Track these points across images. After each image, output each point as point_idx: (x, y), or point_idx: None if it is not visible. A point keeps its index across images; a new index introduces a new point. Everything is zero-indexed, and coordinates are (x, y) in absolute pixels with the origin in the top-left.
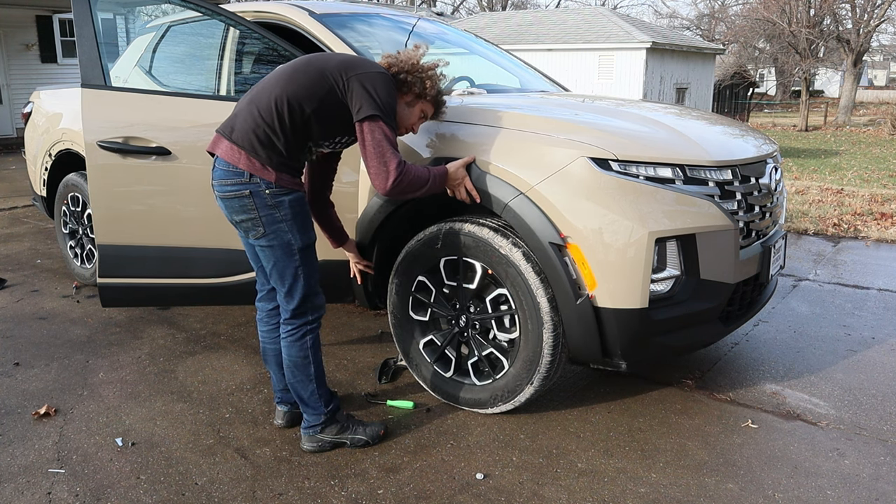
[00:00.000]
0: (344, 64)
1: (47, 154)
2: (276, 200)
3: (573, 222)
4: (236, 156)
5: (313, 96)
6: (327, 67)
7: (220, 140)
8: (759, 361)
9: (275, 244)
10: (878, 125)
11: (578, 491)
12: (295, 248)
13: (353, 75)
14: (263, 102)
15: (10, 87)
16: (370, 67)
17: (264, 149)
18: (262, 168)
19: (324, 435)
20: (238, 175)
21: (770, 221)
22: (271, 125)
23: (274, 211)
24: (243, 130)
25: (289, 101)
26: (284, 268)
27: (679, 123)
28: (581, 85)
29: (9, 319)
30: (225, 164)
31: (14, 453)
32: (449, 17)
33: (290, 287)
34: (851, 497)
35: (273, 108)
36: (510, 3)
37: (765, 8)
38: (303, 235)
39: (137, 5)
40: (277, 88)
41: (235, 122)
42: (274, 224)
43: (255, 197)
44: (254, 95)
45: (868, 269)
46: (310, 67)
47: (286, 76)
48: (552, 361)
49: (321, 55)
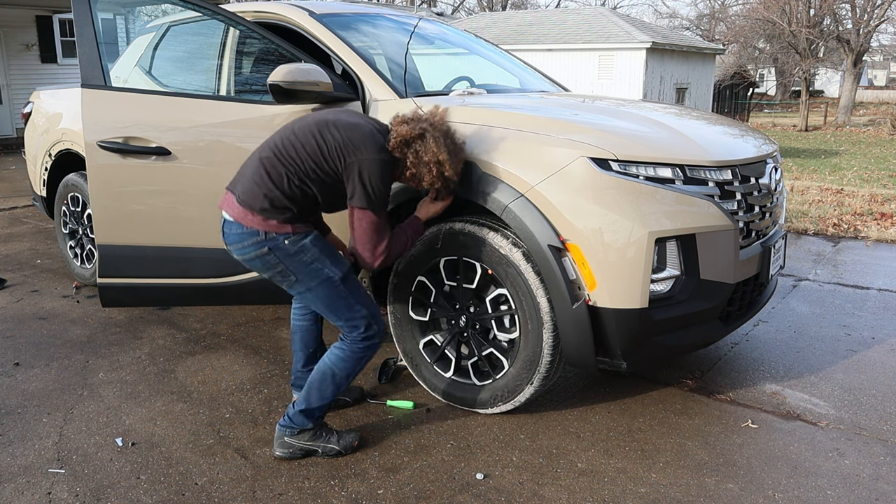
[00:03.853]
0: (344, 145)
1: (47, 154)
2: (298, 246)
3: (573, 222)
4: (250, 217)
5: (316, 178)
6: (328, 146)
7: (232, 201)
8: (759, 361)
9: (314, 285)
10: (878, 125)
11: (578, 491)
12: (337, 280)
13: (353, 161)
14: (274, 172)
15: (10, 87)
16: (369, 151)
17: (277, 211)
18: (277, 225)
19: (296, 440)
20: (254, 235)
21: (770, 221)
22: (282, 193)
23: (300, 255)
24: (255, 194)
25: (299, 179)
26: (335, 303)
27: (679, 123)
28: (581, 85)
29: (9, 319)
30: (238, 227)
31: (14, 453)
32: (449, 17)
33: (348, 319)
34: (851, 497)
35: (284, 181)
36: (510, 3)
37: (765, 8)
38: (338, 265)
39: (137, 5)
40: (284, 165)
41: (246, 182)
42: (306, 268)
43: (276, 251)
44: (264, 157)
45: (868, 269)
46: (310, 143)
47: (292, 149)
48: (552, 361)
49: (324, 120)
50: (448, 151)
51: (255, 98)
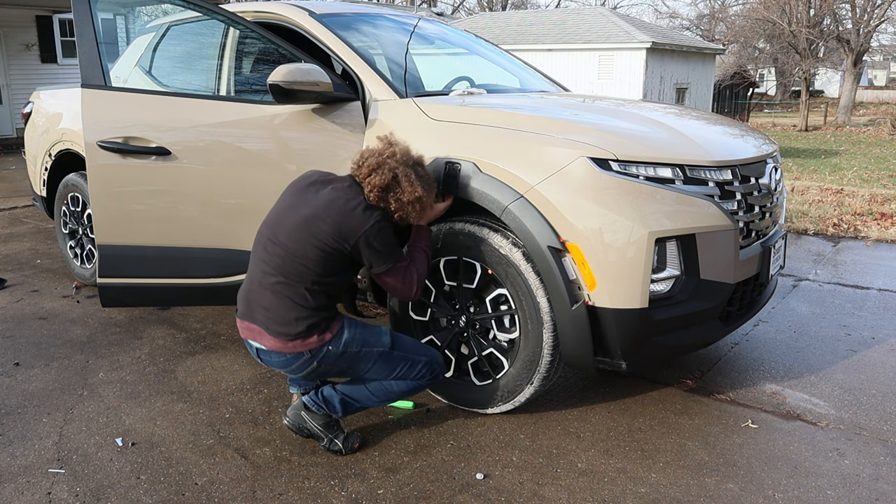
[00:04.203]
0: (340, 234)
1: (47, 154)
2: (342, 345)
3: (573, 222)
4: (290, 345)
5: (333, 271)
6: (328, 244)
7: (262, 333)
8: (759, 361)
9: (370, 366)
10: (878, 125)
11: (578, 491)
12: (388, 351)
13: (355, 240)
14: (296, 295)
15: (10, 87)
16: (364, 223)
17: (315, 327)
18: (318, 339)
19: (312, 419)
20: (298, 357)
21: (770, 221)
22: (314, 309)
23: (347, 350)
24: (287, 321)
25: (319, 286)
26: (396, 369)
27: (679, 123)
28: (581, 85)
29: (9, 319)
30: (279, 355)
31: (14, 453)
32: (449, 17)
33: (414, 376)
34: (851, 497)
35: (309, 298)
36: (510, 3)
37: (765, 8)
38: (381, 336)
39: (137, 5)
40: (301, 283)
41: (271, 313)
42: (357, 358)
43: (324, 360)
44: (275, 283)
45: (868, 269)
46: (312, 251)
47: (299, 266)
48: (552, 361)
49: (306, 217)
50: (423, 185)
51: (255, 98)
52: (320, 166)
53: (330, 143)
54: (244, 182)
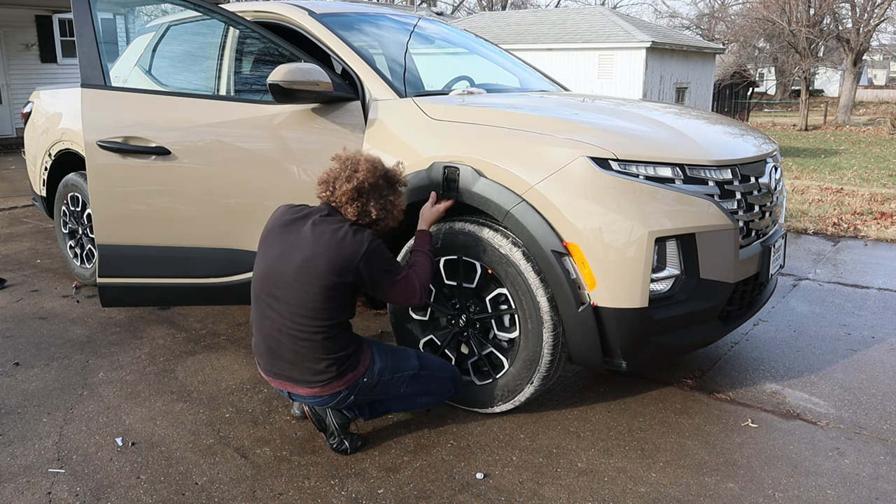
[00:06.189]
0: (337, 268)
1: (47, 154)
2: (376, 375)
3: (573, 222)
4: (327, 388)
5: (344, 304)
6: (331, 281)
7: (295, 385)
8: (759, 361)
9: (403, 389)
10: (878, 124)
11: (578, 490)
12: (417, 371)
13: (354, 270)
14: (320, 345)
15: (10, 87)
16: (356, 251)
17: (346, 365)
18: (352, 376)
19: (335, 414)
20: (336, 395)
21: (770, 221)
22: (340, 349)
23: (380, 379)
24: (318, 370)
25: (337, 323)
26: (426, 386)
27: (679, 123)
28: (581, 84)
29: (9, 319)
30: (318, 398)
31: (14, 453)
32: (449, 16)
33: (439, 392)
34: (851, 496)
35: (333, 342)
36: (510, 3)
37: (765, 7)
38: (409, 359)
39: (137, 5)
40: (321, 331)
41: (299, 366)
42: (390, 384)
43: (360, 393)
44: (295, 337)
45: (868, 268)
46: (320, 293)
47: (318, 312)
48: (552, 361)
49: (303, 262)
50: (394, 193)
51: (254, 98)
52: (320, 166)
53: (330, 143)
54: (244, 182)
